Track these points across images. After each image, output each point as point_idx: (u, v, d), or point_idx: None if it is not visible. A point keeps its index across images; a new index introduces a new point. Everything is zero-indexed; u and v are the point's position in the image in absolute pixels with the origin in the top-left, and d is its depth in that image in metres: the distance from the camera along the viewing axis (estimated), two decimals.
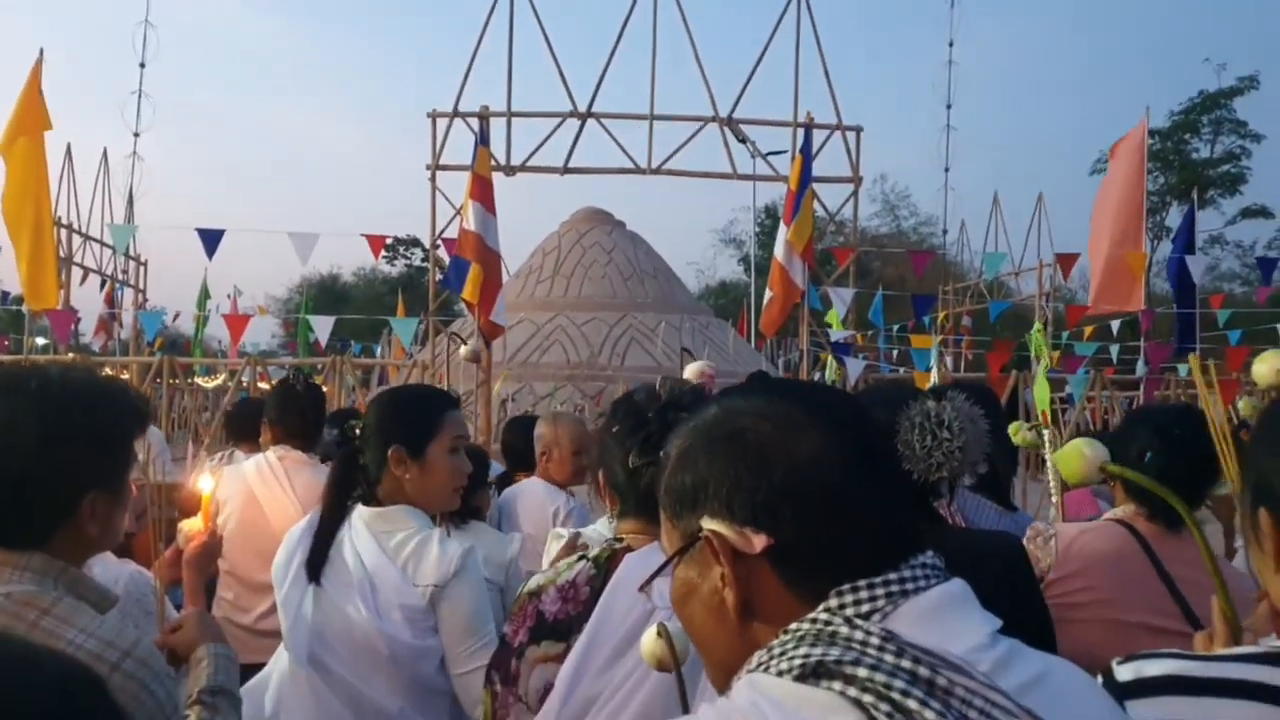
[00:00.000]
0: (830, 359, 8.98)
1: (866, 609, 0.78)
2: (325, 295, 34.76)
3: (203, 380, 15.69)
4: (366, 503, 2.13)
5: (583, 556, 1.59)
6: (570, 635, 1.47)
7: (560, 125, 11.41)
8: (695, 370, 3.22)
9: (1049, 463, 2.74)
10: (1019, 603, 1.59)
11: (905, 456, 1.58)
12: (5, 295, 17.25)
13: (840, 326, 10.26)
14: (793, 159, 10.18)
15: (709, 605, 0.85)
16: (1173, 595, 1.96)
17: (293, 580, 2.14)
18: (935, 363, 8.46)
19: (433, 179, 10.73)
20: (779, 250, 9.34)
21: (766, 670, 0.76)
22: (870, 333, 15.71)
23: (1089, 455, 1.50)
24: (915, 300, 13.46)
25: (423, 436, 2.11)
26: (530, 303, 14.15)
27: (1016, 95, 77.20)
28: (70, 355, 9.94)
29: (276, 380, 4.22)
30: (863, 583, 0.79)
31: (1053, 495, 2.86)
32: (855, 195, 11.35)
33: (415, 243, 37.46)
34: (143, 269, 15.58)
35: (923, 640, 0.74)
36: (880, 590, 0.79)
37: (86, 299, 13.79)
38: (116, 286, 14.84)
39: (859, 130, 11.24)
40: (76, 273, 12.99)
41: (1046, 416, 2.83)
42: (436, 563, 2.02)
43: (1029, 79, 77.17)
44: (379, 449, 2.10)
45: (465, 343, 8.34)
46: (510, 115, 11.04)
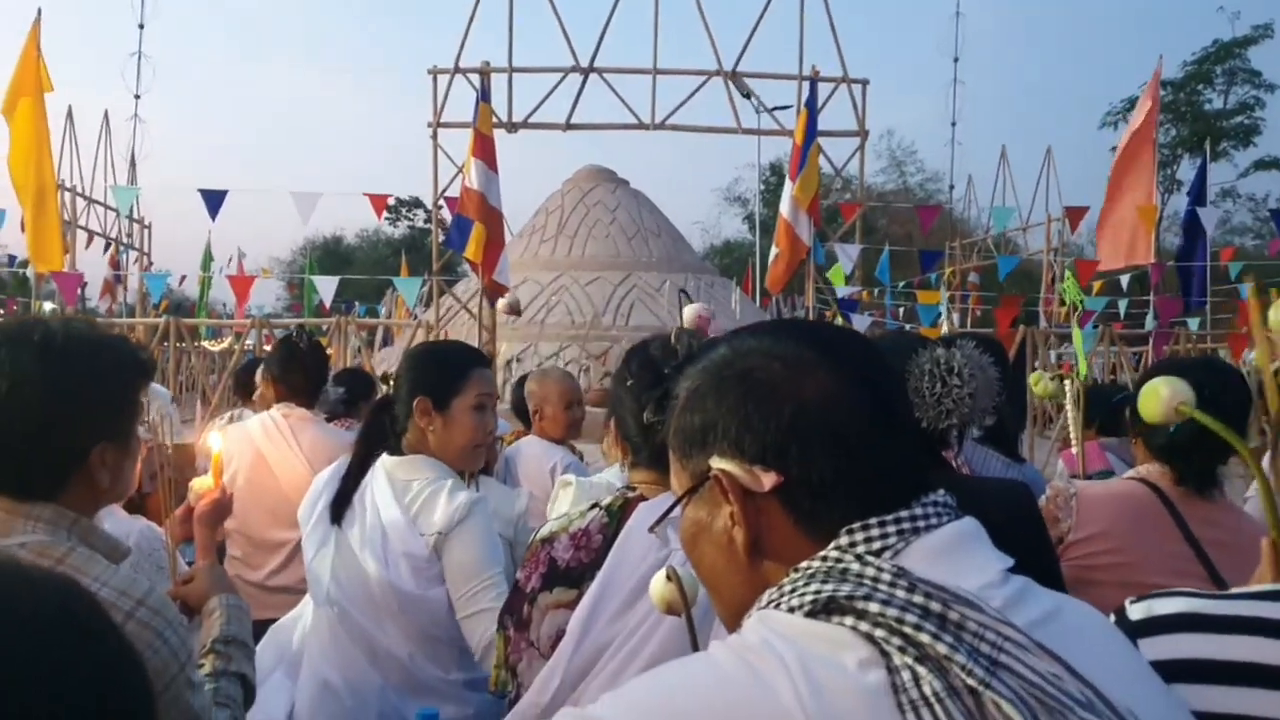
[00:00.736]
0: (837, 316, 8.95)
1: (878, 546, 0.78)
2: (329, 257, 34.65)
3: (209, 344, 15.72)
4: (393, 452, 2.16)
5: (595, 504, 1.59)
6: (582, 582, 1.48)
7: (562, 81, 11.28)
8: (691, 313, 3.19)
9: (1068, 412, 2.73)
10: (1027, 550, 1.58)
11: (915, 404, 1.57)
12: (12, 259, 17.24)
13: (844, 283, 10.20)
14: (798, 113, 10.05)
15: (719, 545, 0.85)
16: (1199, 557, 1.90)
17: (315, 524, 2.19)
18: (943, 318, 8.43)
19: (434, 137, 10.64)
20: (785, 206, 9.25)
21: (778, 607, 0.76)
22: (876, 290, 15.64)
23: (1165, 395, 1.43)
24: (922, 256, 13.37)
25: (448, 390, 2.14)
26: (534, 262, 14.09)
27: (1025, 47, 76.08)
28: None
29: (280, 339, 4.23)
30: (874, 520, 0.79)
31: (1073, 446, 2.84)
32: (861, 149, 11.23)
33: (417, 204, 37.28)
34: (147, 232, 15.54)
35: (934, 577, 0.74)
36: (891, 528, 0.78)
37: (91, 263, 13.78)
38: (121, 250, 14.81)
39: (865, 83, 11.09)
40: (81, 236, 12.96)
41: (1068, 367, 2.81)
42: (443, 511, 2.05)
43: (1038, 30, 75.90)
44: (407, 399, 2.15)
45: (466, 307, 8.31)
46: (512, 71, 10.91)
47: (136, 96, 15.67)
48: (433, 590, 2.05)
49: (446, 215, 10.23)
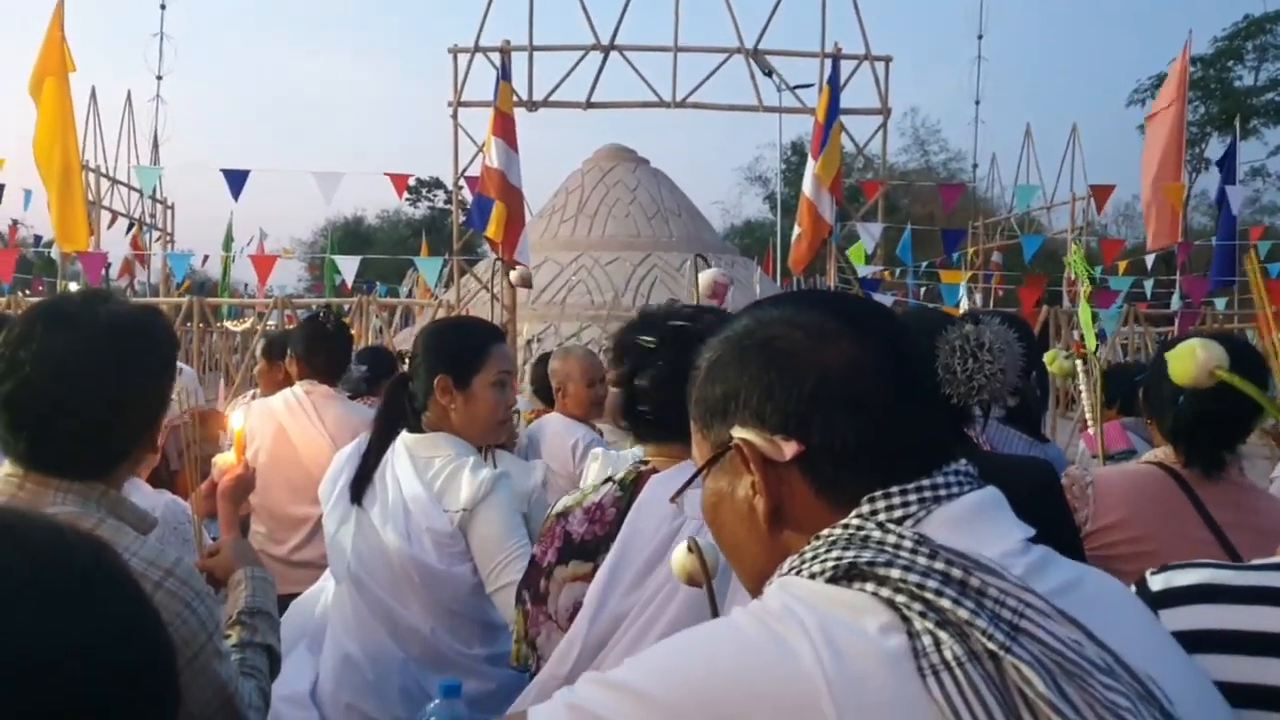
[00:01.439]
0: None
1: (899, 514, 0.78)
2: (349, 238, 34.77)
3: (232, 324, 15.85)
4: (413, 430, 2.17)
5: (609, 479, 1.60)
6: (597, 555, 1.50)
7: (583, 59, 11.23)
8: (708, 278, 3.14)
9: (1084, 392, 2.70)
10: (1049, 526, 1.58)
11: (945, 380, 1.57)
12: (38, 239, 17.42)
13: (865, 262, 10.13)
14: (820, 91, 9.96)
15: (740, 513, 0.85)
16: (1219, 541, 1.85)
17: (336, 501, 2.21)
18: (964, 298, 8.36)
19: (455, 116, 10.64)
20: (807, 185, 9.18)
21: (799, 574, 0.76)
22: (898, 269, 15.51)
23: (1201, 358, 1.39)
24: (944, 235, 13.25)
25: (468, 368, 2.14)
26: (554, 243, 14.07)
27: (1051, 23, 74.89)
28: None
29: (305, 318, 4.26)
30: (895, 489, 0.79)
31: (1090, 426, 2.81)
32: (884, 127, 11.13)
33: (437, 184, 37.32)
34: (170, 212, 15.65)
35: (955, 545, 0.74)
36: (913, 496, 0.78)
37: (112, 243, 13.89)
38: (143, 230, 14.92)
39: (888, 60, 10.98)
40: (104, 217, 13.06)
41: (1080, 345, 2.78)
42: (465, 488, 2.06)
43: (1064, 6, 74.73)
44: (426, 378, 2.15)
45: (487, 287, 8.31)
46: (532, 50, 10.88)
47: (159, 77, 15.76)
48: (456, 567, 2.06)
49: (467, 195, 10.23)
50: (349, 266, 11.21)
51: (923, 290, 15.31)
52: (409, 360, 2.26)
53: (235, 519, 2.05)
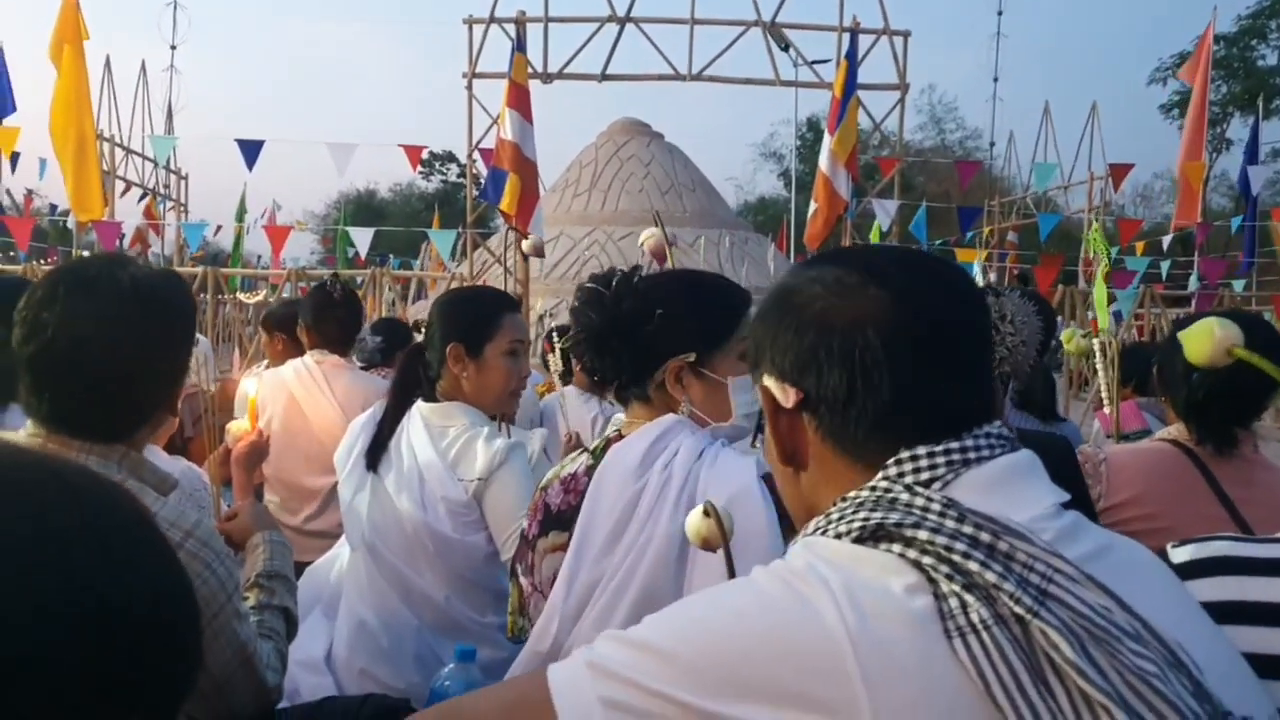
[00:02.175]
0: None
1: (926, 477, 0.77)
2: (362, 211, 34.76)
3: (244, 296, 15.90)
4: (427, 399, 2.18)
5: (584, 449, 1.62)
6: (572, 525, 1.50)
7: (598, 31, 11.15)
8: (652, 236, 2.96)
9: (1100, 371, 2.69)
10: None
11: None
12: (54, 208, 17.48)
13: (880, 239, 10.07)
14: (837, 65, 9.86)
15: (772, 454, 0.91)
16: (1232, 518, 1.84)
17: (351, 468, 2.21)
18: (979, 277, 8.31)
19: (469, 87, 10.60)
20: (823, 160, 9.12)
21: (824, 534, 0.76)
22: (913, 247, 15.41)
23: (1219, 336, 1.38)
24: (960, 212, 13.15)
25: (481, 336, 2.14)
26: (567, 217, 14.03)
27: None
28: None
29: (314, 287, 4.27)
30: (923, 450, 0.78)
31: (1105, 405, 2.80)
32: (901, 103, 11.03)
33: (450, 158, 37.22)
34: (184, 183, 15.67)
35: (984, 509, 0.73)
36: (941, 459, 0.78)
37: (127, 213, 13.93)
38: (157, 200, 14.95)
39: (906, 35, 10.87)
40: (117, 186, 13.09)
41: (1096, 325, 2.76)
42: (480, 457, 2.06)
43: None
44: (440, 346, 2.15)
45: (500, 260, 8.30)
46: (547, 21, 10.81)
47: (173, 47, 15.76)
48: (470, 536, 2.07)
49: (481, 167, 10.21)
50: (362, 239, 11.22)
51: None
52: (424, 329, 2.26)
53: (249, 485, 2.06)
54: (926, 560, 0.70)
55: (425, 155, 13.52)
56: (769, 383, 0.87)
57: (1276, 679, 0.88)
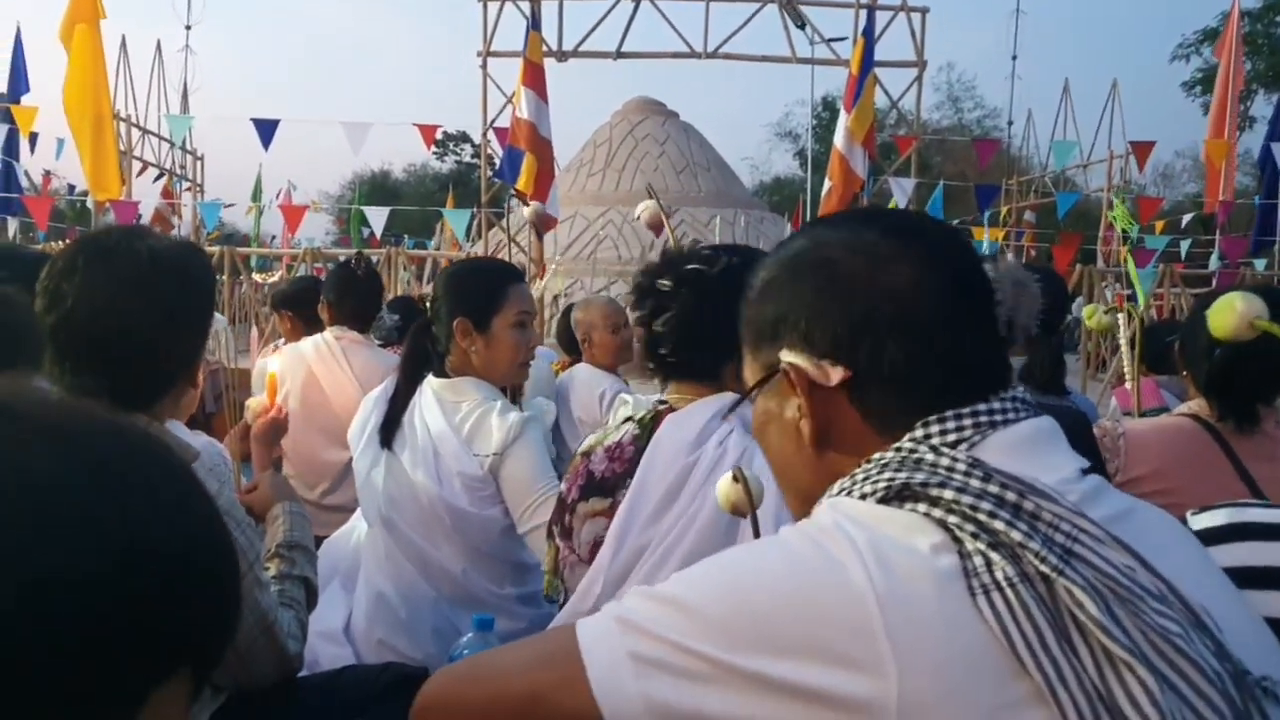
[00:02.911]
0: None
1: (953, 438, 0.77)
2: (377, 191, 34.72)
3: (259, 276, 15.97)
4: (437, 374, 2.18)
5: (629, 418, 1.63)
6: (615, 492, 1.53)
7: (613, 8, 11.08)
8: (650, 209, 2.85)
9: (1123, 346, 2.67)
10: None
11: None
12: (72, 188, 17.57)
13: None
14: (854, 42, 9.77)
15: (787, 434, 0.85)
16: (1253, 494, 1.82)
17: (365, 445, 2.23)
18: (996, 256, 8.22)
19: (484, 66, 10.54)
20: (839, 138, 9.03)
21: (849, 494, 0.76)
22: None
23: (1241, 309, 1.37)
24: (978, 190, 13.03)
25: (487, 309, 2.14)
26: (581, 197, 13.99)
27: None
28: None
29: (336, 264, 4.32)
30: (950, 413, 0.77)
31: (1127, 381, 2.78)
32: (919, 80, 10.91)
33: (465, 138, 37.14)
34: (200, 164, 15.71)
35: (1010, 470, 0.73)
36: (968, 421, 0.77)
37: (144, 193, 13.97)
38: (174, 180, 15.00)
39: (924, 11, 10.74)
40: (135, 166, 13.13)
41: (1121, 300, 2.74)
42: (495, 432, 2.07)
43: None
44: (447, 321, 2.16)
45: (514, 240, 8.27)
46: None
47: (187, 27, 15.69)
48: (487, 510, 2.08)
49: (495, 146, 10.18)
50: (377, 218, 11.23)
51: None
52: (429, 304, 2.26)
53: (269, 461, 2.08)
54: (952, 519, 0.70)
55: (439, 135, 13.51)
56: (797, 360, 0.81)
57: None
